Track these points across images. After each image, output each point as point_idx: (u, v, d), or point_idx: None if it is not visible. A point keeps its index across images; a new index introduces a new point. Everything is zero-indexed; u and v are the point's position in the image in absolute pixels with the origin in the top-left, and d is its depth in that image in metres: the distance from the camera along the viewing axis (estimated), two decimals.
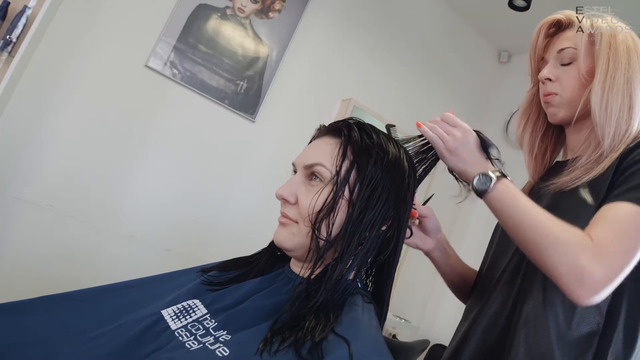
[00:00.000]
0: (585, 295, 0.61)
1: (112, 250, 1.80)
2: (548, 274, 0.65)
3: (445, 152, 0.79)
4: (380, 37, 2.40)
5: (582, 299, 0.62)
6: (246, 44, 2.02)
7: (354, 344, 0.55)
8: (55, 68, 1.66)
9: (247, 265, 0.81)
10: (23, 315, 0.72)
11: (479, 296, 0.86)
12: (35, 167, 1.66)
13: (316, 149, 0.72)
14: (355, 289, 0.69)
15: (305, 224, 0.67)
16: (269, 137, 2.11)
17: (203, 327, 0.66)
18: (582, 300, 0.62)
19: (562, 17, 0.82)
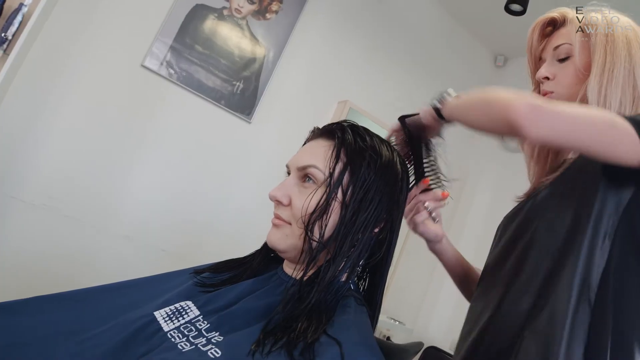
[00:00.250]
0: (522, 123, 0.59)
1: (108, 250, 1.79)
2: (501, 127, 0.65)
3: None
4: (377, 40, 2.41)
5: (521, 127, 0.59)
6: (243, 45, 2.02)
7: (345, 346, 0.55)
8: (51, 66, 1.65)
9: (240, 267, 0.81)
10: (17, 315, 0.71)
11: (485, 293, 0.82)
12: (31, 166, 1.65)
13: (310, 150, 0.72)
14: (348, 291, 0.69)
15: (299, 226, 0.68)
16: (265, 138, 2.11)
17: (195, 328, 0.66)
18: (523, 129, 0.59)
19: (557, 14, 0.80)
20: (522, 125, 0.58)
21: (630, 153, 0.58)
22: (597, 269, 0.63)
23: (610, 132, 0.58)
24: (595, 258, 0.63)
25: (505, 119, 0.61)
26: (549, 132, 0.59)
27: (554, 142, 0.62)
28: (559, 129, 0.59)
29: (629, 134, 0.57)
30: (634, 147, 0.57)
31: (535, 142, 0.63)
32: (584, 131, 0.59)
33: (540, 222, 0.71)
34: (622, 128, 0.58)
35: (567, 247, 0.65)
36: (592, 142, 0.59)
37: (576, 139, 0.60)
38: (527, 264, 0.70)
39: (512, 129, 0.61)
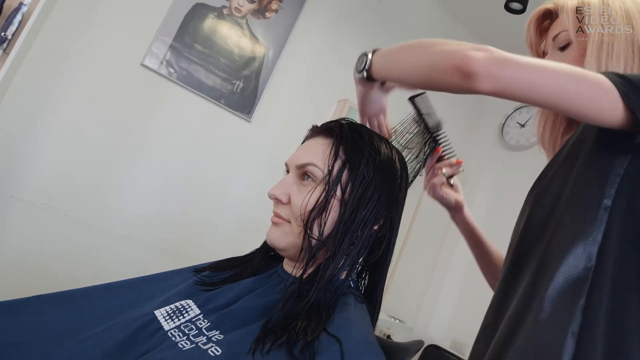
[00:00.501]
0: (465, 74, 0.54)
1: (108, 249, 1.79)
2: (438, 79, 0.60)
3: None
4: (377, 39, 2.41)
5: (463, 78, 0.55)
6: (242, 44, 2.02)
7: (345, 344, 0.55)
8: (51, 66, 1.65)
9: (240, 266, 0.81)
10: (17, 314, 0.71)
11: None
12: (31, 165, 1.65)
13: (309, 149, 0.72)
14: (348, 289, 0.69)
15: (298, 224, 0.68)
16: (264, 137, 2.11)
17: (196, 327, 0.66)
18: (468, 81, 0.55)
19: (551, 5, 0.78)
20: (478, 74, 0.54)
21: (611, 111, 0.53)
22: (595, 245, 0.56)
23: (582, 85, 0.54)
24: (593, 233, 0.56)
25: (458, 71, 0.56)
26: (506, 85, 0.55)
27: (509, 94, 0.56)
28: (518, 79, 0.55)
29: (608, 90, 0.53)
30: (615, 103, 0.53)
31: (487, 93, 0.56)
32: (548, 84, 0.55)
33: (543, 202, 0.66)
34: (595, 81, 0.54)
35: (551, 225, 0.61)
36: (558, 96, 0.55)
37: (538, 92, 0.55)
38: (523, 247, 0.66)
39: (464, 81, 0.56)
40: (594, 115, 0.54)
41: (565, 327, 0.52)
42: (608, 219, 0.55)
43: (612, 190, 0.56)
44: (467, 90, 0.57)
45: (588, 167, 0.60)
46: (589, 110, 0.54)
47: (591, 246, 0.55)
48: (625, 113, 0.53)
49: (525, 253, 0.64)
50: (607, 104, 0.53)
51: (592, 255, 0.54)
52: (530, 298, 0.57)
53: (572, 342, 0.52)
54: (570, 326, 0.52)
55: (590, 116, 0.55)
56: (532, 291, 0.58)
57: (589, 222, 0.56)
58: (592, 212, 0.56)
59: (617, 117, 0.53)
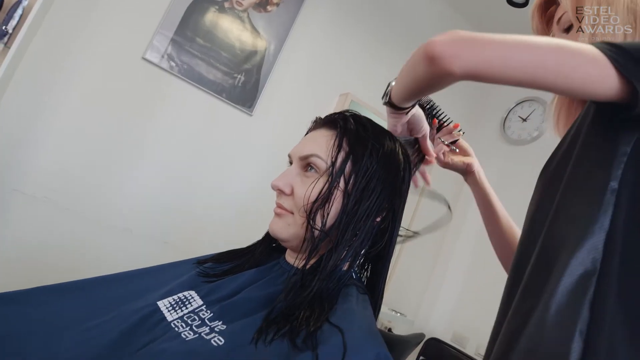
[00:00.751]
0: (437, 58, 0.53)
1: (110, 243, 1.80)
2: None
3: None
4: (379, 33, 2.40)
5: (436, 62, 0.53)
6: (244, 38, 2.01)
7: (348, 334, 0.55)
8: (52, 60, 1.65)
9: (242, 257, 0.82)
10: (21, 305, 0.72)
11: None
12: (33, 159, 1.65)
13: (312, 140, 0.72)
14: (350, 280, 0.69)
15: (301, 215, 0.68)
16: (266, 131, 2.11)
17: (199, 317, 0.66)
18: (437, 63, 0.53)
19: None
20: (442, 56, 0.52)
21: (602, 81, 0.49)
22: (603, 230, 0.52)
23: (563, 56, 0.50)
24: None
25: (425, 58, 0.54)
26: (476, 63, 0.52)
27: (483, 74, 0.52)
28: (488, 56, 0.51)
29: (594, 58, 0.49)
30: (605, 72, 0.49)
31: (462, 76, 0.53)
32: (524, 58, 0.51)
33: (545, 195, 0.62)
34: (578, 50, 0.50)
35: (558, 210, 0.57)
36: (537, 70, 0.51)
37: (515, 68, 0.51)
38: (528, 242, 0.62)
39: (433, 67, 0.54)
40: (582, 88, 0.51)
41: (572, 326, 0.48)
42: (615, 202, 0.51)
43: (619, 171, 0.52)
44: (441, 76, 0.55)
45: (589, 147, 0.56)
46: (576, 83, 0.50)
47: (598, 234, 0.50)
48: (620, 83, 0.49)
49: (531, 246, 0.59)
50: (595, 73, 0.49)
51: (599, 245, 0.50)
52: (534, 295, 0.53)
53: (579, 342, 0.48)
54: (577, 325, 0.48)
55: (579, 89, 0.51)
56: (536, 287, 0.54)
57: (595, 208, 0.51)
58: (598, 196, 0.52)
59: (610, 89, 0.50)
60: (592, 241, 0.50)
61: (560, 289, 0.50)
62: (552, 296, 0.50)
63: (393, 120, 0.78)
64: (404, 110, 0.75)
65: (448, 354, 2.13)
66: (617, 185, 0.51)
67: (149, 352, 0.59)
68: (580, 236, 0.51)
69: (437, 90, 0.62)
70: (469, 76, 0.54)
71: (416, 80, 0.61)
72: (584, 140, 0.56)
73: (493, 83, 0.54)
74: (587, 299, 0.49)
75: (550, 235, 0.55)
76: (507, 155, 2.63)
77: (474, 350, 2.23)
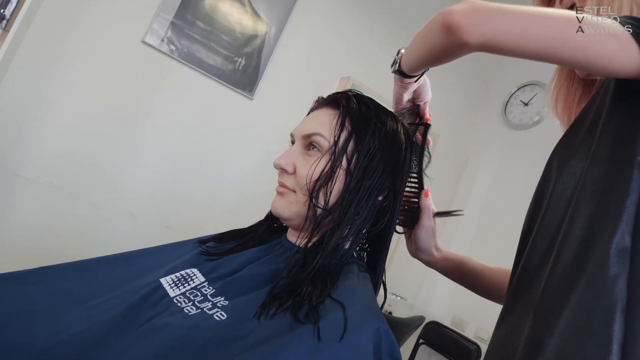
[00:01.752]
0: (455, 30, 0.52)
1: (112, 227, 1.81)
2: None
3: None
4: (379, 17, 2.38)
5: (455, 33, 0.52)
6: (244, 21, 2.00)
7: (349, 309, 0.56)
8: (52, 43, 1.64)
9: (244, 236, 0.82)
10: (23, 284, 0.73)
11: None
12: (34, 144, 1.65)
13: (315, 119, 0.72)
14: (351, 259, 0.70)
15: (303, 193, 0.68)
16: (267, 115, 2.10)
17: (201, 293, 0.67)
18: (457, 34, 0.52)
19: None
20: (460, 26, 0.51)
21: (623, 56, 0.48)
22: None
23: (583, 30, 0.48)
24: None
25: (442, 27, 0.53)
26: (494, 34, 0.51)
27: (500, 45, 0.51)
28: (506, 28, 0.50)
29: (614, 32, 0.48)
30: (627, 47, 0.47)
31: (478, 47, 0.52)
32: (542, 30, 0.50)
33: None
34: (598, 23, 0.48)
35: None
36: (554, 43, 0.49)
37: (531, 41, 0.50)
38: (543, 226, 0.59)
39: (450, 37, 0.53)
40: (602, 63, 0.49)
41: (613, 305, 0.47)
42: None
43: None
44: (456, 46, 0.54)
45: (613, 124, 0.54)
46: (596, 58, 0.49)
47: (631, 209, 0.49)
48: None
49: (553, 230, 0.57)
50: (616, 49, 0.48)
51: (631, 219, 0.49)
52: (568, 278, 0.51)
53: (621, 322, 0.46)
54: (618, 304, 0.46)
55: (597, 64, 0.49)
56: (567, 271, 0.51)
57: (625, 183, 0.50)
58: (627, 170, 0.50)
59: (631, 64, 0.48)
60: (627, 216, 0.49)
61: (600, 267, 0.48)
62: (593, 276, 0.49)
63: (400, 88, 0.78)
64: (413, 79, 0.75)
65: (447, 337, 2.15)
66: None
67: (152, 327, 0.60)
68: (614, 213, 0.50)
69: (449, 61, 0.61)
70: (485, 47, 0.53)
71: (430, 49, 0.60)
72: (606, 117, 0.55)
73: (509, 55, 0.53)
74: (623, 277, 0.47)
75: (581, 213, 0.53)
76: (509, 139, 2.62)
77: (473, 333, 2.26)
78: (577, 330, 0.48)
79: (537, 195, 0.63)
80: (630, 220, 0.49)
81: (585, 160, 0.56)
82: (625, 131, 0.52)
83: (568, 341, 0.48)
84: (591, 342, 0.47)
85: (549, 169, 0.63)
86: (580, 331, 0.48)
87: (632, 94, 0.53)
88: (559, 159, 0.61)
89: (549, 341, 0.49)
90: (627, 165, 0.51)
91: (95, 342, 0.60)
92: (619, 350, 0.46)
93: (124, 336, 0.61)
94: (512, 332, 0.56)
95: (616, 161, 0.52)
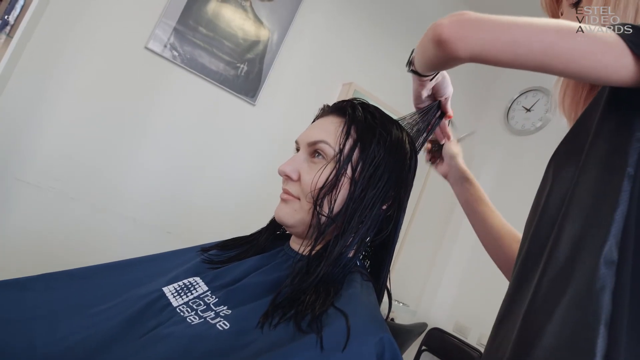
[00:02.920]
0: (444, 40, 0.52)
1: (114, 232, 1.80)
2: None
3: None
4: (382, 23, 2.38)
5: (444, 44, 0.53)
6: (247, 27, 2.00)
7: (352, 319, 0.55)
8: (55, 49, 1.65)
9: (246, 244, 0.82)
10: (27, 291, 0.72)
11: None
12: (36, 148, 1.65)
13: (320, 127, 0.72)
14: (354, 268, 0.70)
15: (307, 200, 0.68)
16: (269, 121, 2.10)
17: (204, 303, 0.67)
18: (447, 47, 0.53)
19: None
20: (449, 40, 0.52)
21: (617, 67, 0.47)
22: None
23: (575, 41, 0.48)
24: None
25: (433, 40, 0.54)
26: (483, 47, 0.51)
27: (491, 58, 0.51)
28: (497, 39, 0.50)
29: (609, 43, 0.47)
30: (621, 58, 0.47)
31: (468, 59, 0.52)
32: (533, 42, 0.49)
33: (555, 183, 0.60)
34: (592, 35, 0.48)
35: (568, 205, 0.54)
36: (546, 54, 0.49)
37: (523, 52, 0.50)
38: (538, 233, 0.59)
39: (440, 50, 0.54)
40: (595, 74, 0.49)
41: (597, 317, 0.47)
42: (631, 189, 0.49)
43: (635, 157, 0.50)
44: (449, 59, 0.55)
45: (604, 132, 0.54)
46: (588, 69, 0.49)
47: (619, 221, 0.49)
48: (637, 69, 0.47)
49: (544, 238, 0.56)
50: (609, 59, 0.48)
51: (619, 232, 0.49)
52: (554, 287, 0.51)
53: (605, 334, 0.46)
54: (602, 316, 0.47)
55: (590, 75, 0.49)
56: (554, 280, 0.51)
57: (615, 195, 0.49)
58: (616, 182, 0.50)
59: (626, 74, 0.48)
60: (615, 228, 0.49)
61: (586, 278, 0.48)
62: (579, 286, 0.48)
63: (418, 86, 0.79)
64: (428, 77, 0.76)
65: (450, 343, 2.14)
66: (633, 171, 0.50)
67: (154, 337, 0.60)
68: (603, 224, 0.49)
69: (450, 68, 0.61)
70: (475, 60, 0.53)
71: (428, 59, 0.61)
72: (598, 125, 0.54)
73: (500, 67, 0.53)
74: (609, 288, 0.47)
75: (569, 223, 0.53)
76: (511, 145, 2.62)
77: (476, 340, 2.25)
78: (561, 345, 0.48)
79: (535, 202, 0.63)
80: (618, 232, 0.49)
81: (577, 168, 0.55)
82: (616, 140, 0.52)
83: (552, 356, 0.48)
84: (575, 357, 0.46)
85: (547, 176, 0.63)
86: (564, 346, 0.48)
87: (625, 103, 0.53)
88: (555, 165, 0.61)
89: (534, 353, 0.49)
90: (617, 175, 0.50)
91: (98, 349, 0.60)
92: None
93: (126, 344, 0.61)
94: (504, 338, 0.56)
95: (606, 171, 0.52)
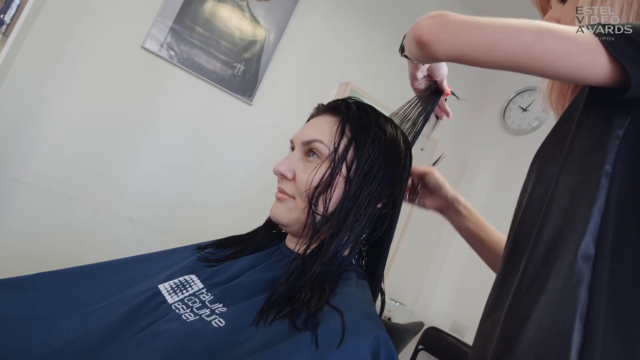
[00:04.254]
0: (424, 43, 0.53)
1: (112, 232, 1.80)
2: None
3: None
4: (379, 22, 2.39)
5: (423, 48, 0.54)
6: (243, 27, 2.01)
7: (347, 316, 0.56)
8: (51, 49, 1.64)
9: (242, 243, 0.82)
10: (25, 290, 0.72)
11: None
12: (33, 149, 1.65)
13: (315, 126, 0.72)
14: (350, 266, 0.70)
15: (302, 199, 0.68)
16: (266, 120, 2.10)
17: (200, 300, 0.67)
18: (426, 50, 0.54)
19: None
20: (427, 41, 0.53)
21: (592, 67, 0.48)
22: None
23: (551, 42, 0.49)
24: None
25: (415, 40, 0.55)
26: (461, 48, 0.52)
27: (468, 59, 0.53)
28: (474, 40, 0.51)
29: (585, 44, 0.48)
30: (596, 59, 0.48)
31: (447, 59, 0.54)
32: (510, 43, 0.50)
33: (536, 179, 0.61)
34: (568, 36, 0.49)
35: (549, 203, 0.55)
36: (523, 55, 0.50)
37: (500, 53, 0.51)
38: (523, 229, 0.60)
39: (420, 51, 0.55)
40: (570, 75, 0.50)
41: (573, 311, 0.48)
42: (609, 186, 0.50)
43: (612, 154, 0.51)
44: (429, 59, 0.56)
45: (583, 130, 0.55)
46: (564, 70, 0.49)
47: (596, 217, 0.50)
48: (612, 69, 0.48)
49: (527, 234, 0.58)
50: (585, 61, 0.48)
51: (597, 228, 0.50)
52: (538, 281, 0.52)
53: (580, 328, 0.48)
54: (577, 310, 0.48)
55: (567, 76, 0.50)
56: (539, 272, 0.53)
57: (592, 191, 0.51)
58: (594, 179, 0.51)
59: (602, 74, 0.48)
60: (592, 224, 0.50)
61: (564, 273, 0.50)
62: (557, 282, 0.50)
63: (412, 68, 0.80)
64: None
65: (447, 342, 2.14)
66: (610, 168, 0.51)
67: (150, 333, 0.60)
68: (581, 220, 0.51)
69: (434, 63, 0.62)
70: (454, 61, 0.54)
71: (413, 54, 0.62)
72: (578, 123, 0.56)
73: (480, 67, 0.54)
74: (585, 283, 0.49)
75: (550, 220, 0.54)
76: (508, 145, 2.63)
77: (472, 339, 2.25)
78: (539, 340, 0.50)
79: (519, 200, 0.65)
80: (595, 228, 0.50)
81: (558, 166, 0.56)
82: (595, 138, 0.53)
83: (531, 350, 0.50)
84: (552, 351, 0.48)
85: (530, 174, 0.64)
86: (541, 341, 0.49)
87: (602, 102, 0.53)
88: (539, 163, 0.63)
89: (516, 347, 0.51)
90: (595, 172, 0.51)
91: (94, 347, 0.60)
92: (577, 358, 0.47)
93: (122, 342, 0.61)
94: (490, 333, 0.58)
95: (585, 168, 0.53)
